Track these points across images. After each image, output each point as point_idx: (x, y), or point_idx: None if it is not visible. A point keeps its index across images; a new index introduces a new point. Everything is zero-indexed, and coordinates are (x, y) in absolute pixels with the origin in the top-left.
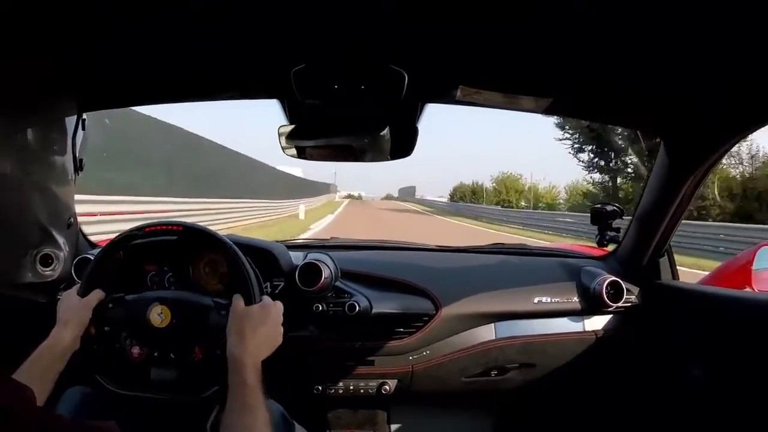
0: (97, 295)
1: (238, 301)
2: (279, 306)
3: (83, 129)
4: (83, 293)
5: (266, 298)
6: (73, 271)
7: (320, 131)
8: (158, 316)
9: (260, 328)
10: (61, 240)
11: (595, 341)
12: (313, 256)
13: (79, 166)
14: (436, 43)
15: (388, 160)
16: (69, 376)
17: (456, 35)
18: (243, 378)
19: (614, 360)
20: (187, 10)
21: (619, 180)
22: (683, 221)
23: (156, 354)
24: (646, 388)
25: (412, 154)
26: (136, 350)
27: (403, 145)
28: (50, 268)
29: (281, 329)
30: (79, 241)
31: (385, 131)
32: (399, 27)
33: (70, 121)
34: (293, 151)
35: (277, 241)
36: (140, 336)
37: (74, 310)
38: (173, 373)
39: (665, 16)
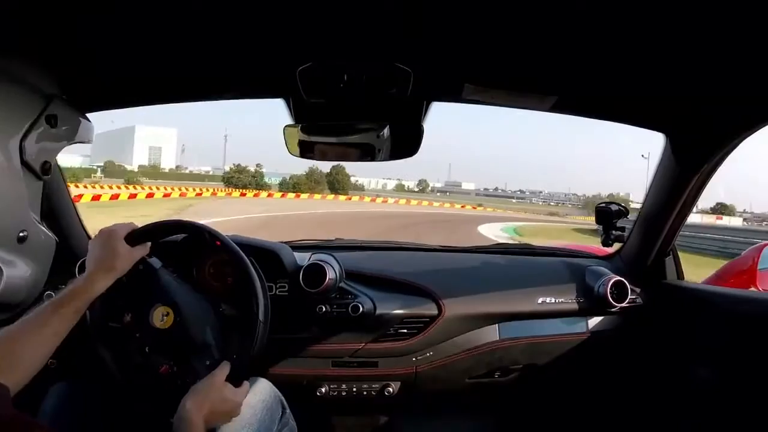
0: (144, 249)
1: (222, 371)
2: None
3: (53, 126)
4: (134, 241)
5: (245, 385)
6: (77, 271)
7: (325, 130)
8: (162, 317)
9: (222, 408)
10: (0, 258)
11: (600, 342)
12: (317, 257)
13: (41, 169)
14: (441, 41)
15: (393, 159)
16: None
17: (461, 33)
18: None
19: (619, 361)
20: (190, 8)
21: None
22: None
23: (139, 335)
24: (652, 389)
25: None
26: (128, 317)
27: (408, 143)
28: None
29: (231, 418)
30: (80, 234)
31: (391, 130)
32: (404, 25)
33: (23, 121)
34: (296, 150)
35: (282, 242)
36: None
37: (121, 259)
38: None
39: (669, 15)
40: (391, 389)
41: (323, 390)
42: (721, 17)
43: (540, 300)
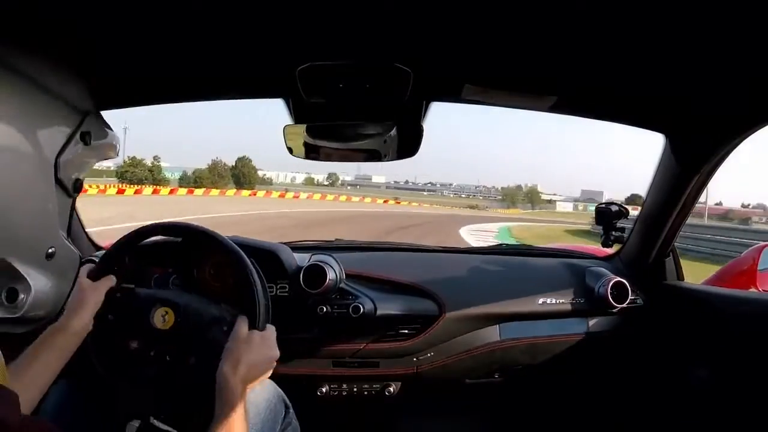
0: (109, 281)
1: (242, 324)
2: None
3: (87, 144)
4: (96, 277)
5: (270, 327)
6: None
7: (325, 131)
8: (162, 317)
9: (257, 357)
10: (29, 273)
11: (600, 342)
12: (317, 257)
13: (73, 187)
14: (441, 41)
15: (393, 159)
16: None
17: (461, 33)
18: (232, 405)
19: (619, 361)
20: (190, 9)
21: None
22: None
23: (152, 353)
24: (652, 390)
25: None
26: (134, 344)
27: (408, 144)
28: (13, 304)
29: (275, 363)
30: (84, 244)
31: (391, 130)
32: (404, 25)
33: (59, 137)
34: (299, 151)
35: (282, 243)
36: (141, 333)
37: (88, 293)
38: (161, 373)
39: (669, 15)
40: (391, 389)
41: (324, 390)
42: (721, 17)
43: (540, 300)
